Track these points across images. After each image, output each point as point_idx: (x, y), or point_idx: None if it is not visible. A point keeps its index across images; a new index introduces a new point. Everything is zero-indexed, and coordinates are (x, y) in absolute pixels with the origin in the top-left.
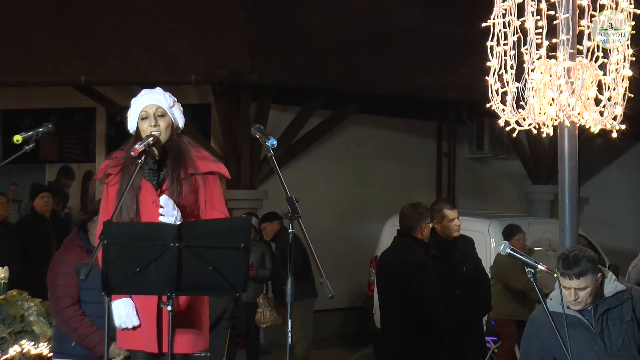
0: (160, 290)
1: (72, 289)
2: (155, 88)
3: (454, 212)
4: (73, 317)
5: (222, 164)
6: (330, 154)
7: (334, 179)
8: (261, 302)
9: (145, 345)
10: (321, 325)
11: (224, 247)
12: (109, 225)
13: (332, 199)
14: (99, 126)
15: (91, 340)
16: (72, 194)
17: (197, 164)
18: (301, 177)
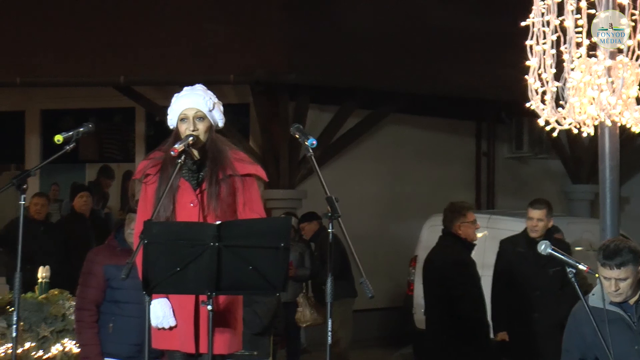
0: (200, 289)
1: (94, 291)
2: (196, 86)
3: (535, 212)
4: (84, 321)
5: (259, 166)
6: (369, 153)
7: (372, 179)
8: (301, 302)
9: (182, 346)
10: (360, 324)
11: (263, 246)
12: (149, 225)
13: (371, 199)
14: (138, 126)
15: (84, 351)
16: (112, 194)
17: (236, 166)
18: (340, 177)
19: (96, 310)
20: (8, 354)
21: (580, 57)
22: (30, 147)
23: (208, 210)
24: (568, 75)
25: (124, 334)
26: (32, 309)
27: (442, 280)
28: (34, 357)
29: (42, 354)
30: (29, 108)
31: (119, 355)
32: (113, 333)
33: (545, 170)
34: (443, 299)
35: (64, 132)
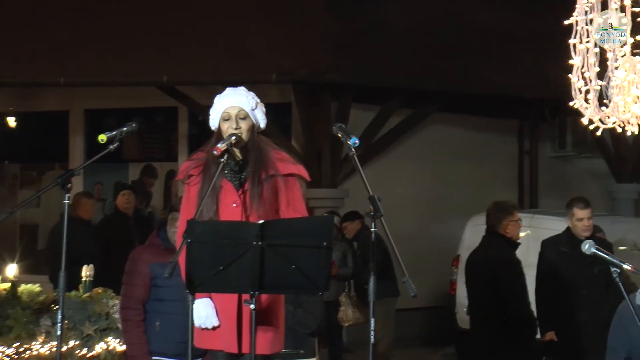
0: (243, 288)
1: (140, 289)
2: (239, 87)
3: (583, 211)
4: (130, 320)
5: (301, 166)
6: (411, 152)
7: (414, 178)
8: (343, 301)
9: (225, 346)
10: (403, 324)
11: (306, 245)
12: (192, 224)
13: (413, 198)
14: (181, 125)
15: (131, 350)
16: (155, 193)
17: (278, 166)
18: (382, 176)
19: (142, 309)
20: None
21: (624, 55)
22: (74, 146)
23: (250, 210)
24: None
25: (170, 332)
26: (76, 308)
27: (489, 280)
28: (78, 355)
29: (86, 352)
30: (72, 108)
31: (166, 353)
32: (160, 331)
33: (588, 169)
34: (490, 298)
35: (107, 132)
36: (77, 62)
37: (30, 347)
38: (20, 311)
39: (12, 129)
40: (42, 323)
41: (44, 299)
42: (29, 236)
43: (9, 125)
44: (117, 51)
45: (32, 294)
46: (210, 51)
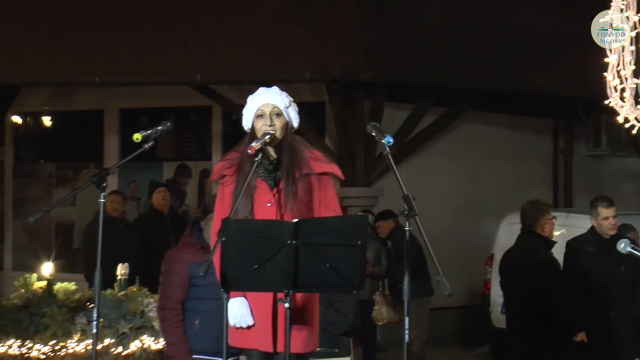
0: (277, 287)
1: (178, 289)
2: (272, 87)
3: (608, 210)
4: (169, 320)
5: (335, 164)
6: (445, 151)
7: (448, 177)
8: (377, 300)
9: (260, 344)
10: (437, 323)
11: (340, 244)
12: (226, 223)
13: (447, 197)
14: (215, 124)
15: (171, 350)
16: (189, 192)
17: (312, 165)
18: (415, 175)
19: (181, 309)
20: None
21: None
22: (109, 145)
23: (285, 209)
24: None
25: (210, 330)
26: (112, 306)
27: (526, 278)
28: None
29: (122, 350)
30: (107, 107)
31: (206, 351)
32: (199, 330)
33: (623, 168)
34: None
35: (142, 131)
36: (112, 62)
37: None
38: (56, 309)
39: (48, 128)
40: (78, 321)
41: (80, 297)
42: (65, 235)
43: (45, 124)
44: (152, 50)
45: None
46: (244, 50)
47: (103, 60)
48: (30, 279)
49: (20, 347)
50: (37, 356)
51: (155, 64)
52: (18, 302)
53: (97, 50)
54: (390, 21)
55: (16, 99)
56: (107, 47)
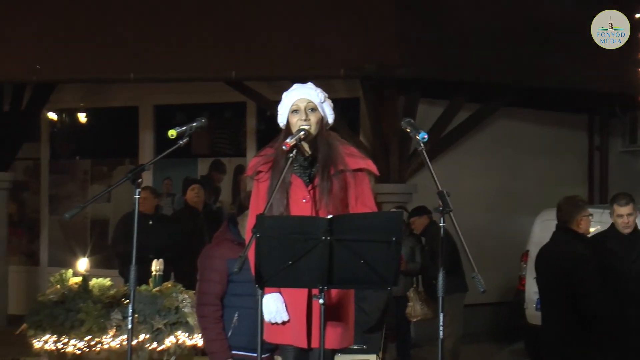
0: (312, 283)
1: (217, 285)
2: (307, 83)
3: (623, 208)
4: (208, 316)
5: (370, 160)
6: (479, 147)
7: (483, 173)
8: (411, 296)
9: (295, 340)
10: (471, 319)
11: (375, 240)
12: (261, 219)
13: (481, 193)
14: (250, 121)
15: (211, 346)
16: (224, 188)
17: (347, 161)
18: (450, 171)
19: (220, 305)
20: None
21: None
22: (144, 142)
23: (320, 205)
24: None
25: (247, 326)
26: (147, 302)
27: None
28: (148, 349)
29: (156, 346)
30: (142, 103)
31: (244, 347)
32: (238, 326)
33: None
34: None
35: (177, 127)
36: (146, 59)
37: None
38: (91, 305)
39: (83, 125)
40: (113, 317)
41: (115, 292)
42: (100, 231)
43: (80, 121)
44: (186, 47)
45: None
46: (278, 46)
47: (138, 57)
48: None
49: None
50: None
51: (190, 61)
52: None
53: (132, 47)
54: (425, 17)
55: (52, 96)
56: (141, 44)
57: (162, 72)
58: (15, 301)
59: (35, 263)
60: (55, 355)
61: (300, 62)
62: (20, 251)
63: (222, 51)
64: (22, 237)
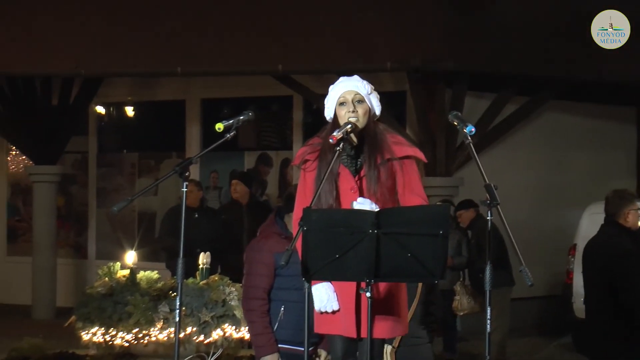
0: (358, 276)
1: (265, 279)
2: (352, 76)
3: None
4: (255, 310)
5: (417, 148)
6: (527, 140)
7: (530, 166)
8: (458, 290)
9: (344, 330)
10: (518, 313)
11: (422, 234)
12: (308, 212)
13: (528, 187)
14: (296, 114)
15: (257, 340)
16: (270, 181)
17: (394, 149)
18: (497, 164)
19: (267, 299)
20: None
21: None
22: (191, 135)
23: (368, 194)
24: None
25: (293, 319)
26: (194, 295)
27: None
28: (195, 342)
29: (203, 338)
30: (189, 97)
31: (291, 341)
32: (284, 319)
33: None
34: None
35: (224, 120)
36: (193, 52)
37: (149, 333)
38: (139, 298)
39: (130, 119)
40: (160, 309)
41: (162, 285)
42: (147, 224)
43: (127, 114)
44: (233, 41)
45: (150, 280)
46: (325, 40)
47: (185, 51)
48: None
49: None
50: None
51: (237, 54)
52: (102, 290)
53: (179, 41)
54: (472, 10)
55: (100, 90)
56: (188, 38)
57: (209, 66)
58: (63, 294)
59: (84, 256)
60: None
61: (347, 55)
62: (69, 244)
63: (269, 44)
64: (70, 230)
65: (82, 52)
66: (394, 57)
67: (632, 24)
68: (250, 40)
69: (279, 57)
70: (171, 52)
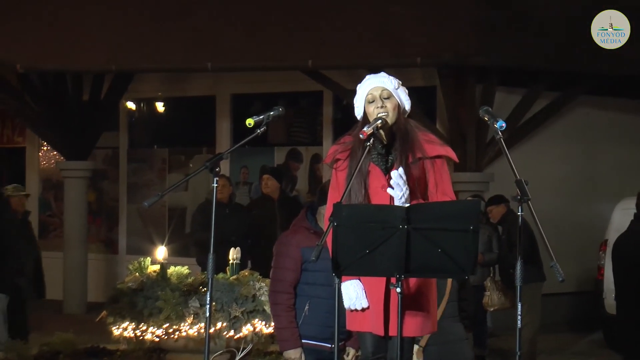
0: (389, 271)
1: (292, 273)
2: (379, 73)
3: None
4: (281, 304)
5: (449, 147)
6: (557, 136)
7: (561, 162)
8: (488, 285)
9: (373, 327)
10: (549, 309)
11: (452, 229)
12: (338, 207)
13: (560, 182)
14: (326, 109)
15: (282, 334)
16: (300, 177)
17: (425, 148)
18: (527, 160)
19: (293, 293)
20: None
21: None
22: (221, 131)
23: None
24: None
25: (318, 316)
26: (224, 290)
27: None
28: (225, 337)
29: (233, 334)
30: (219, 93)
31: (316, 337)
32: (309, 315)
33: None
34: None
35: (254, 116)
36: (223, 48)
37: (179, 328)
38: (169, 293)
39: (161, 114)
40: (191, 305)
41: (192, 280)
42: (178, 219)
43: (158, 110)
44: (263, 36)
45: (181, 276)
46: (355, 35)
47: (215, 46)
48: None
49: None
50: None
51: (267, 50)
52: (133, 285)
53: (209, 36)
54: (502, 4)
55: (130, 86)
56: (219, 34)
57: (240, 61)
58: (94, 289)
59: (114, 251)
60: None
61: (377, 50)
62: (99, 239)
63: (299, 40)
64: (101, 226)
65: (113, 48)
66: (424, 52)
67: None
68: (280, 36)
69: (309, 53)
70: (201, 47)
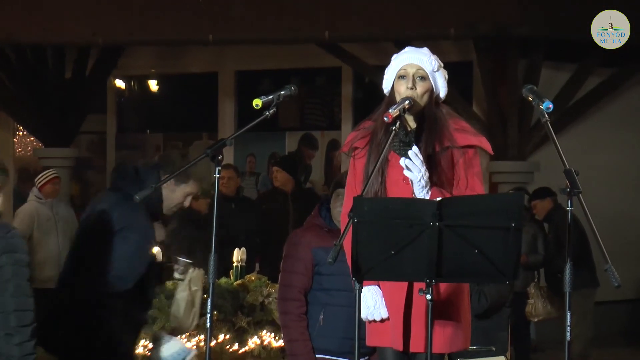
0: (417, 275)
1: (302, 278)
2: (422, 48)
3: None
4: (291, 313)
5: (483, 137)
6: (614, 118)
7: (618, 148)
8: (532, 292)
9: (393, 342)
10: (604, 319)
11: (491, 227)
12: (359, 202)
13: (616, 172)
14: (345, 88)
15: (292, 347)
16: (315, 166)
17: (455, 137)
18: (579, 146)
19: (304, 301)
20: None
21: None
22: (224, 112)
23: None
24: None
25: (336, 326)
26: (227, 297)
27: None
28: (229, 351)
29: (238, 347)
30: (222, 69)
31: (332, 351)
32: (324, 325)
33: None
34: None
35: (263, 96)
36: (227, 17)
37: None
38: (164, 300)
39: (154, 94)
40: None
41: None
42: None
43: (151, 89)
44: (272, 5)
45: None
46: (378, 3)
47: (218, 16)
48: None
49: None
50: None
51: (277, 20)
52: None
53: (211, 5)
54: None
55: (119, 61)
56: (222, 2)
57: (245, 33)
58: None
59: None
60: None
61: (404, 20)
62: None
63: (314, 8)
64: None
65: (99, 17)
66: (459, 22)
67: None
68: (292, 4)
69: (326, 23)
70: (201, 17)
